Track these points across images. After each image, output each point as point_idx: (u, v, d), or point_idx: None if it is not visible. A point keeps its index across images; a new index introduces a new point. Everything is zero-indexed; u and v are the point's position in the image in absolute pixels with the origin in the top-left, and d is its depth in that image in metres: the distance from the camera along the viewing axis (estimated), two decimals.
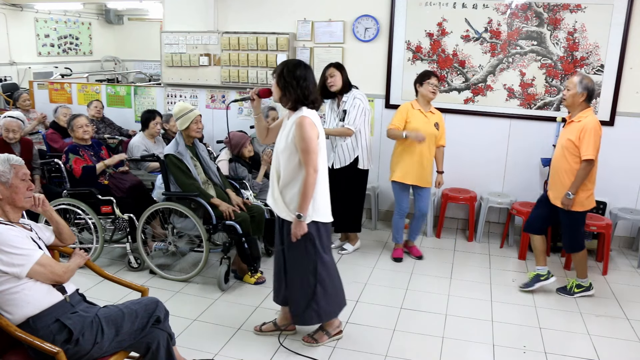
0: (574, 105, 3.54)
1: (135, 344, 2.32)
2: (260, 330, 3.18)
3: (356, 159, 4.22)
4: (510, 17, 4.68)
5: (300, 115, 2.70)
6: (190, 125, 3.77)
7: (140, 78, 9.54)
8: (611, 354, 3.07)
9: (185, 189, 3.73)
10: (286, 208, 2.80)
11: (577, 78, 3.50)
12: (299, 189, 2.74)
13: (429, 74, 4.14)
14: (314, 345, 3.04)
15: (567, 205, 3.55)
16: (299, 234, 2.76)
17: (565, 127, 3.64)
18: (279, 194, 2.83)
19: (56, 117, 5.40)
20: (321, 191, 2.81)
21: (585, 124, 3.45)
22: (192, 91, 5.80)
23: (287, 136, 2.75)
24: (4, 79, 8.06)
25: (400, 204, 4.33)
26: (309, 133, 2.66)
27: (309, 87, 2.74)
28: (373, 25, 5.03)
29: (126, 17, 10.46)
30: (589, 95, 3.50)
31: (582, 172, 3.47)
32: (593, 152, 3.43)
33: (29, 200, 2.38)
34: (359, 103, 4.10)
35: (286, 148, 2.75)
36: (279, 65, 2.78)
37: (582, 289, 3.76)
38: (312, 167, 2.68)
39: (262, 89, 2.89)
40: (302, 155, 2.69)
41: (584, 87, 3.47)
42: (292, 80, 2.70)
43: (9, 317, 2.13)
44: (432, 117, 4.19)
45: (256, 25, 5.36)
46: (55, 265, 2.26)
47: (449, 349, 3.08)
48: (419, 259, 4.45)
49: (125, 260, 4.11)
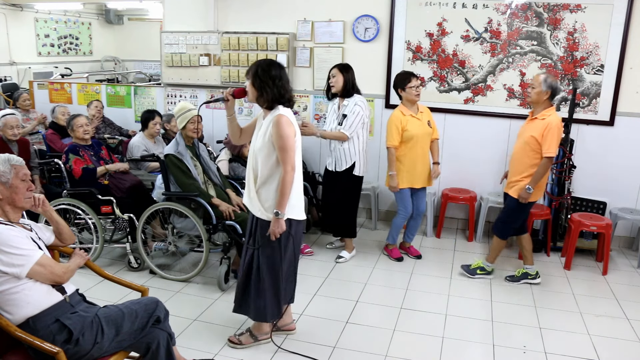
0: (538, 102, 3.67)
1: (135, 344, 2.32)
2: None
3: (353, 164, 4.17)
4: (510, 17, 4.68)
5: (278, 114, 2.71)
6: (187, 124, 3.78)
7: (140, 78, 9.53)
8: (611, 354, 3.07)
9: (185, 189, 3.73)
10: (261, 207, 2.80)
11: (543, 76, 3.64)
12: (275, 187, 2.75)
13: (408, 76, 4.09)
14: (238, 347, 3.02)
15: (524, 199, 3.71)
16: (278, 231, 2.75)
17: (527, 123, 3.80)
18: (255, 193, 2.83)
19: (54, 117, 5.39)
20: (296, 189, 2.82)
21: (550, 122, 3.59)
22: (192, 91, 5.80)
23: (264, 135, 2.75)
24: (4, 79, 8.05)
25: (407, 208, 4.29)
26: (287, 131, 2.67)
27: (284, 86, 2.75)
28: (373, 25, 5.03)
29: (126, 17, 10.45)
30: (553, 93, 3.64)
31: (542, 168, 3.64)
32: (555, 149, 3.61)
33: (29, 201, 2.38)
34: (359, 110, 4.06)
35: (263, 147, 2.75)
36: (252, 66, 2.78)
37: (484, 272, 4.05)
38: (290, 165, 2.69)
39: (237, 89, 2.87)
40: (279, 153, 2.70)
41: (549, 85, 3.61)
42: (268, 80, 2.71)
43: (9, 317, 2.13)
44: (423, 116, 4.21)
45: (256, 25, 5.36)
46: (55, 265, 2.26)
47: (449, 349, 3.08)
48: (418, 258, 4.46)
49: (125, 260, 4.11)
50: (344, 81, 4.06)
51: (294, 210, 2.83)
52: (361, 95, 4.15)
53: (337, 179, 4.24)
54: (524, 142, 3.73)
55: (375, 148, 5.15)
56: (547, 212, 4.53)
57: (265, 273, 2.88)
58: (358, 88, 4.16)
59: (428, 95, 5.00)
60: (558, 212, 4.61)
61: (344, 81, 4.06)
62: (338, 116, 4.14)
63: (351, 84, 4.09)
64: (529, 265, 3.99)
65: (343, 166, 4.18)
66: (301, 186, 2.90)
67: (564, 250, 4.50)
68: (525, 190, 3.68)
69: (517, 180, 3.77)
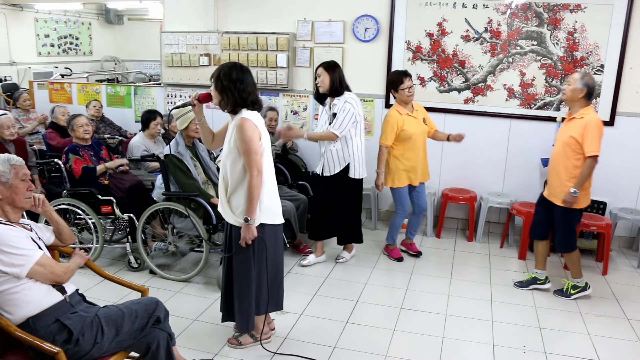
0: (573, 100, 3.51)
1: (135, 344, 2.32)
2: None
3: (347, 167, 3.98)
4: (510, 17, 4.68)
5: (240, 118, 2.67)
6: (189, 125, 3.78)
7: (140, 78, 9.53)
8: (611, 354, 3.07)
9: (185, 189, 3.73)
10: (232, 213, 2.78)
11: (579, 75, 3.49)
12: (245, 193, 2.71)
13: (400, 78, 4.06)
14: (238, 348, 3.02)
15: (570, 203, 3.50)
16: (248, 238, 2.71)
17: (565, 124, 3.61)
18: (226, 201, 2.80)
19: (54, 117, 5.39)
20: (268, 192, 2.78)
21: (589, 121, 3.42)
22: (192, 91, 5.79)
23: (229, 140, 2.73)
24: (4, 79, 8.05)
25: (404, 207, 4.30)
26: (249, 134, 2.63)
27: (247, 89, 2.69)
28: (373, 25, 5.03)
29: (126, 17, 10.46)
30: (589, 92, 3.48)
31: (587, 169, 3.44)
32: (597, 148, 3.40)
33: (29, 201, 2.38)
34: (349, 107, 3.83)
35: (230, 152, 2.73)
36: (215, 69, 2.74)
37: (579, 290, 3.74)
38: (256, 169, 2.64)
39: (202, 94, 2.84)
40: (244, 158, 2.66)
41: (585, 83, 3.46)
42: (230, 84, 2.66)
43: (9, 317, 2.13)
44: (419, 114, 4.22)
45: (256, 25, 5.36)
46: (55, 265, 2.26)
47: (449, 349, 3.08)
48: (417, 255, 4.47)
49: (125, 260, 4.11)
50: (331, 80, 3.86)
51: (268, 214, 2.78)
52: (352, 93, 3.96)
53: (329, 184, 4.04)
54: (563, 144, 3.53)
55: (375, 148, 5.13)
56: None
57: (239, 281, 2.86)
58: (348, 85, 3.97)
59: (428, 95, 5.01)
60: None
61: (331, 80, 3.86)
62: (329, 117, 3.95)
63: (339, 81, 3.88)
64: (540, 270, 3.87)
65: (334, 169, 3.98)
66: (274, 188, 2.85)
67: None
68: (571, 194, 3.46)
69: (561, 185, 3.55)
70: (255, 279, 2.86)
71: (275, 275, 2.97)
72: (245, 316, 2.91)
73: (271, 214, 2.81)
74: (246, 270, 2.83)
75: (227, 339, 3.08)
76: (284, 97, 5.50)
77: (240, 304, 2.90)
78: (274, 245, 2.90)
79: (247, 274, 2.84)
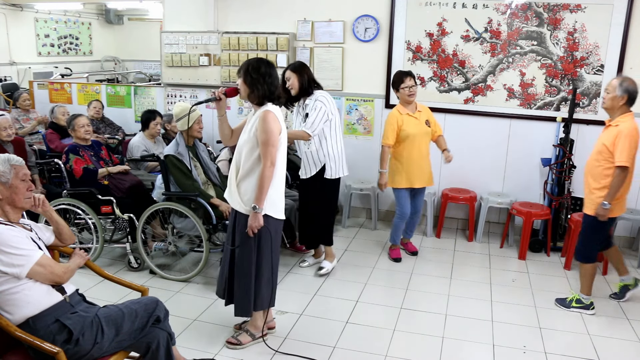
0: (614, 108, 3.31)
1: (135, 344, 2.32)
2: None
3: (323, 167, 3.83)
4: (510, 17, 4.68)
5: (265, 110, 2.77)
6: (192, 125, 3.79)
7: (140, 78, 9.53)
8: (611, 354, 3.07)
9: (185, 190, 3.73)
10: (240, 199, 2.83)
11: (617, 81, 3.29)
12: (255, 181, 2.78)
13: (401, 77, 4.08)
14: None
15: (603, 216, 3.31)
16: (255, 226, 2.77)
17: (603, 132, 3.43)
18: (236, 187, 2.86)
19: (54, 117, 5.39)
20: (276, 187, 2.85)
21: (621, 129, 3.23)
22: (192, 91, 5.80)
23: (250, 130, 2.81)
24: (4, 79, 8.05)
25: (404, 209, 4.29)
26: (271, 126, 2.72)
27: (274, 83, 2.81)
28: (373, 25, 5.03)
29: (126, 17, 10.45)
30: (630, 98, 3.26)
31: (616, 179, 3.24)
32: (628, 159, 3.20)
33: (29, 201, 2.38)
34: (321, 105, 3.70)
35: (248, 141, 2.80)
36: (242, 65, 2.84)
37: (581, 306, 3.56)
38: (270, 160, 2.73)
39: (228, 88, 2.92)
40: (261, 147, 2.74)
41: (624, 89, 3.25)
42: (259, 77, 2.76)
43: (9, 317, 2.13)
44: (422, 115, 4.20)
45: (256, 25, 5.36)
46: (55, 265, 2.26)
47: (449, 349, 3.08)
48: (414, 254, 4.48)
49: (125, 260, 4.11)
50: (300, 81, 3.73)
51: (274, 207, 2.85)
52: (324, 91, 3.84)
53: (308, 186, 3.94)
54: (597, 152, 3.37)
55: (375, 148, 5.15)
56: (547, 212, 4.53)
57: (240, 269, 2.90)
58: (318, 83, 3.86)
59: (428, 95, 5.01)
60: (558, 212, 4.61)
61: (300, 81, 3.73)
62: (302, 117, 3.80)
63: (307, 82, 3.75)
64: (624, 276, 3.70)
65: (311, 171, 3.86)
66: (282, 184, 2.92)
67: (564, 250, 4.50)
68: (602, 207, 3.28)
69: (589, 193, 3.41)
70: (256, 271, 2.90)
71: (272, 272, 2.99)
72: (243, 302, 2.94)
73: (275, 207, 2.87)
74: (247, 258, 2.88)
75: (225, 341, 3.08)
76: None
77: (239, 291, 2.94)
78: (277, 240, 2.95)
79: (247, 261, 2.88)
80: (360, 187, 5.12)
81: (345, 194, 5.12)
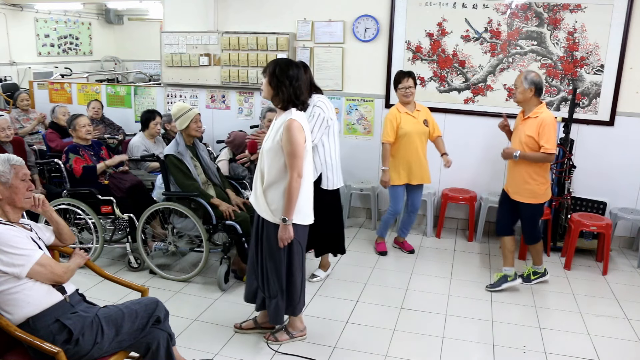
0: (526, 101, 3.61)
1: (135, 344, 2.32)
2: (240, 328, 3.18)
3: (319, 177, 3.58)
4: (510, 17, 4.68)
5: (289, 119, 2.68)
6: (190, 124, 3.78)
7: (140, 78, 9.53)
8: (611, 354, 3.07)
9: (185, 189, 3.73)
10: (267, 207, 2.79)
11: (522, 75, 3.58)
12: (282, 191, 2.73)
13: (400, 78, 4.14)
14: (274, 344, 3.05)
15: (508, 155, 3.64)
16: (285, 238, 2.74)
17: (521, 124, 3.70)
18: (262, 193, 2.82)
19: (55, 117, 5.39)
20: (304, 193, 2.79)
21: (544, 119, 3.53)
22: (192, 91, 5.80)
23: (274, 137, 2.74)
24: (4, 79, 8.05)
25: (397, 205, 4.34)
26: (297, 137, 2.64)
27: (301, 87, 2.71)
28: (373, 25, 5.03)
29: (126, 17, 10.45)
30: (537, 89, 3.57)
31: (540, 156, 3.55)
32: (553, 145, 3.54)
33: (29, 201, 2.38)
34: (319, 112, 3.43)
35: (272, 149, 2.74)
36: (270, 64, 2.74)
37: (539, 275, 3.96)
38: (297, 172, 2.67)
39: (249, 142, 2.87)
40: (287, 159, 2.68)
41: (530, 81, 3.55)
42: (285, 80, 2.67)
43: (9, 317, 2.13)
44: (420, 115, 4.24)
45: (256, 25, 5.36)
46: (55, 265, 2.26)
47: (449, 349, 3.08)
48: (410, 252, 4.50)
49: (125, 260, 4.10)
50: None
51: (301, 214, 2.81)
52: (322, 95, 3.56)
53: None
54: (521, 143, 3.62)
55: (375, 148, 5.15)
56: (547, 212, 4.53)
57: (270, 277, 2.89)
58: (318, 87, 3.60)
59: (428, 95, 5.01)
60: (558, 212, 4.61)
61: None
62: None
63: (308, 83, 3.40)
64: (508, 267, 3.87)
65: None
66: (310, 191, 2.88)
67: (564, 250, 4.50)
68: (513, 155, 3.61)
69: (524, 183, 3.64)
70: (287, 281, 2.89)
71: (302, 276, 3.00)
72: (276, 312, 2.94)
73: (303, 215, 2.83)
74: (278, 269, 2.86)
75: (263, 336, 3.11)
76: None
77: (271, 300, 2.93)
78: (304, 244, 2.94)
79: (278, 273, 2.86)
80: (360, 187, 5.12)
81: (345, 194, 5.12)
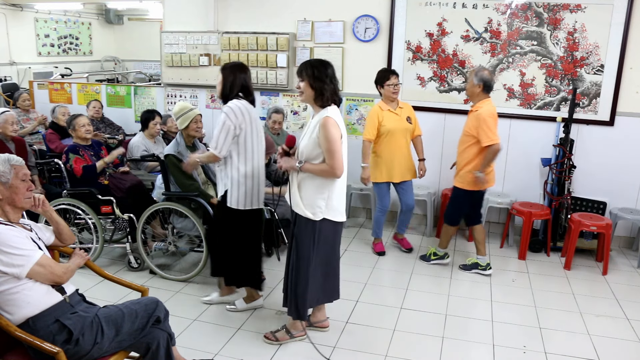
0: (473, 95, 3.88)
1: (135, 344, 2.32)
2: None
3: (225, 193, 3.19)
4: (510, 17, 4.68)
5: (325, 116, 2.74)
6: (189, 124, 3.78)
7: (140, 78, 9.53)
8: (611, 354, 3.07)
9: (185, 189, 3.73)
10: (300, 202, 2.84)
11: (474, 71, 3.84)
12: (315, 186, 2.80)
13: (387, 74, 4.19)
14: (274, 344, 3.05)
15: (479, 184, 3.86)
16: (284, 165, 2.82)
17: (468, 117, 3.96)
18: (296, 189, 2.86)
19: (55, 117, 5.39)
20: (338, 190, 2.87)
21: (480, 113, 3.75)
22: (192, 91, 5.80)
23: (310, 134, 2.81)
24: (4, 79, 8.05)
25: (383, 202, 4.41)
26: (333, 133, 2.71)
27: (337, 86, 2.84)
28: (373, 25, 5.03)
29: (126, 17, 10.46)
30: (486, 85, 3.80)
31: (489, 154, 3.78)
32: (492, 137, 3.73)
33: (29, 201, 2.38)
34: (224, 118, 3.05)
35: (308, 145, 2.80)
36: (306, 67, 2.79)
37: (438, 257, 4.27)
38: (337, 168, 2.73)
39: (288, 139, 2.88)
40: (326, 156, 2.74)
41: (480, 78, 3.79)
42: (326, 79, 2.76)
43: (9, 317, 2.13)
44: (403, 112, 4.28)
45: (256, 25, 5.36)
46: (55, 265, 2.26)
47: (449, 349, 3.08)
48: (409, 251, 4.52)
49: (125, 260, 4.10)
50: (222, 83, 3.18)
51: (334, 212, 2.87)
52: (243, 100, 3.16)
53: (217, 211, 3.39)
54: (463, 135, 3.94)
55: None
56: (547, 212, 4.53)
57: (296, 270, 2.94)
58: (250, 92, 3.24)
59: (428, 95, 5.01)
60: (558, 212, 4.61)
61: (222, 83, 3.18)
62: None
63: (230, 86, 3.15)
64: (480, 256, 4.12)
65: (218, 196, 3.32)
66: (344, 188, 2.93)
67: (564, 250, 4.50)
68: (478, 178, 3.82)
69: (461, 170, 3.96)
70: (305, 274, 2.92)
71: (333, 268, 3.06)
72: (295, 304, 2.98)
73: (335, 212, 2.89)
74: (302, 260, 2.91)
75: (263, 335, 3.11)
76: (284, 97, 5.50)
77: (293, 293, 2.98)
78: (333, 240, 2.98)
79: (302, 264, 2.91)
80: (360, 187, 5.12)
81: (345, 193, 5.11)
